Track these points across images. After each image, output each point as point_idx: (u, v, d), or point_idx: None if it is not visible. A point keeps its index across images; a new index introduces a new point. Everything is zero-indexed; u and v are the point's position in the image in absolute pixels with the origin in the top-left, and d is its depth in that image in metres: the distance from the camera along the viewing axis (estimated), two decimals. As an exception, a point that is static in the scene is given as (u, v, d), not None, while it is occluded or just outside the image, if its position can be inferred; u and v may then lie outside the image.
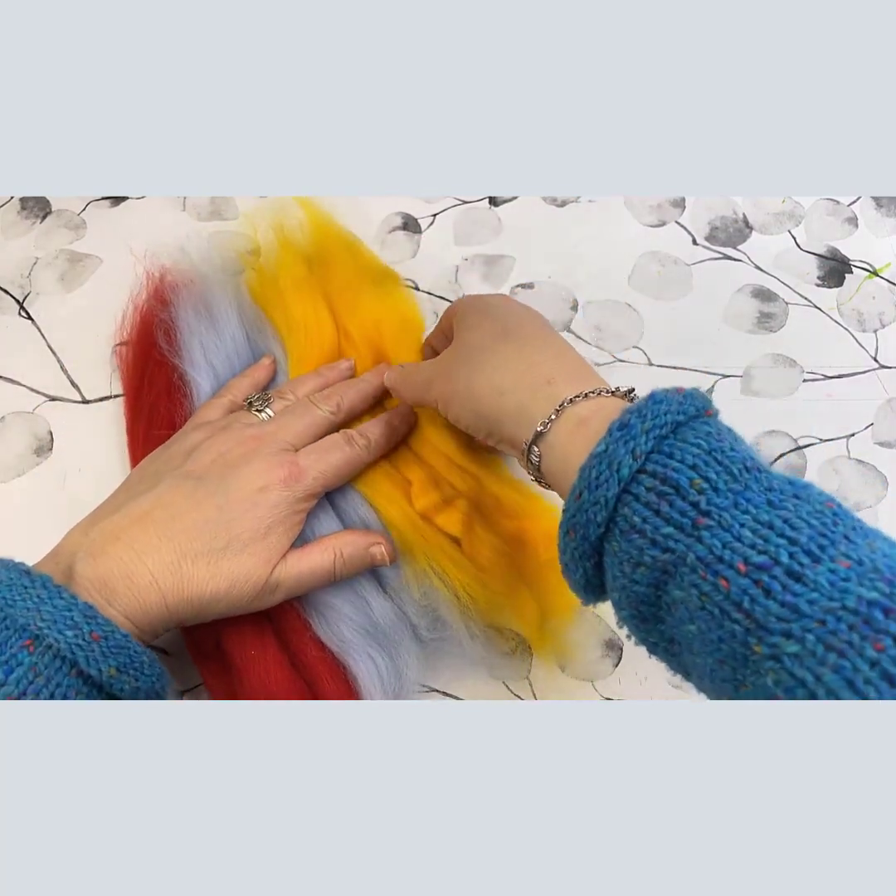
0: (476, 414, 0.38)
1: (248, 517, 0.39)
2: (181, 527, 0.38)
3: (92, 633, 0.33)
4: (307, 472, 0.41)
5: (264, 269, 0.54)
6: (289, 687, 0.40)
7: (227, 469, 0.41)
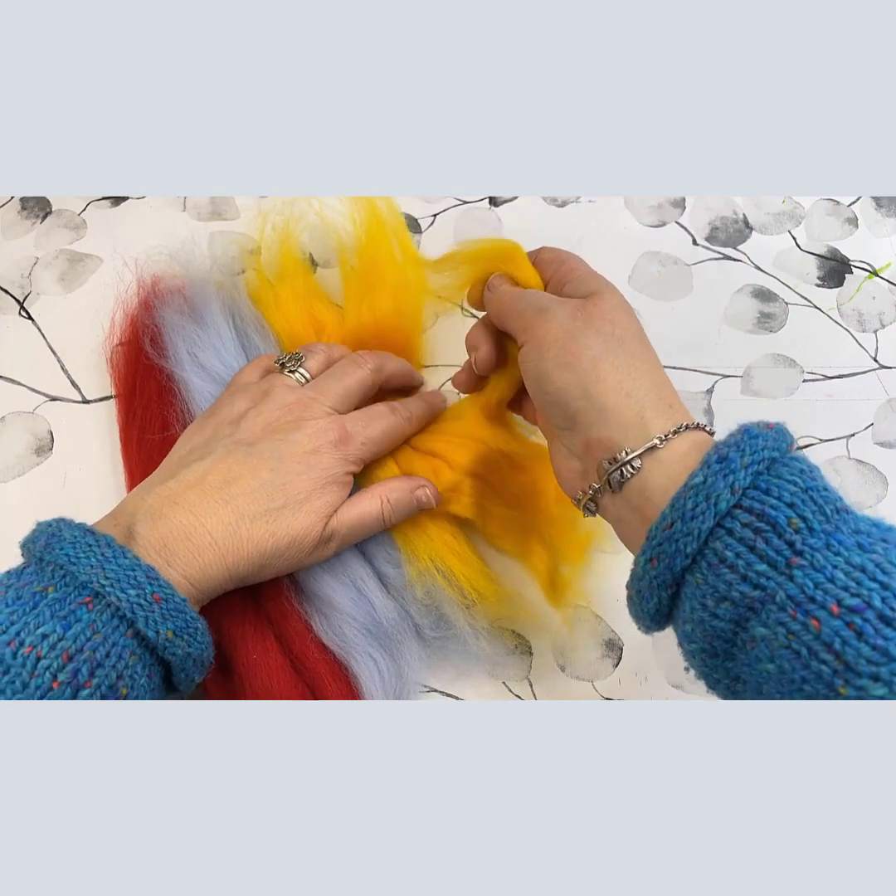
0: (584, 394, 0.36)
1: (301, 479, 0.40)
2: (237, 490, 0.39)
3: (154, 594, 0.34)
4: (355, 437, 0.43)
5: (264, 269, 0.54)
6: (291, 689, 0.40)
7: (277, 434, 0.42)
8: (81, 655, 0.32)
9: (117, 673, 0.33)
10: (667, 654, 0.45)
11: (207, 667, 0.38)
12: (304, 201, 0.55)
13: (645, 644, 0.45)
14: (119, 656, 0.33)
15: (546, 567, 0.45)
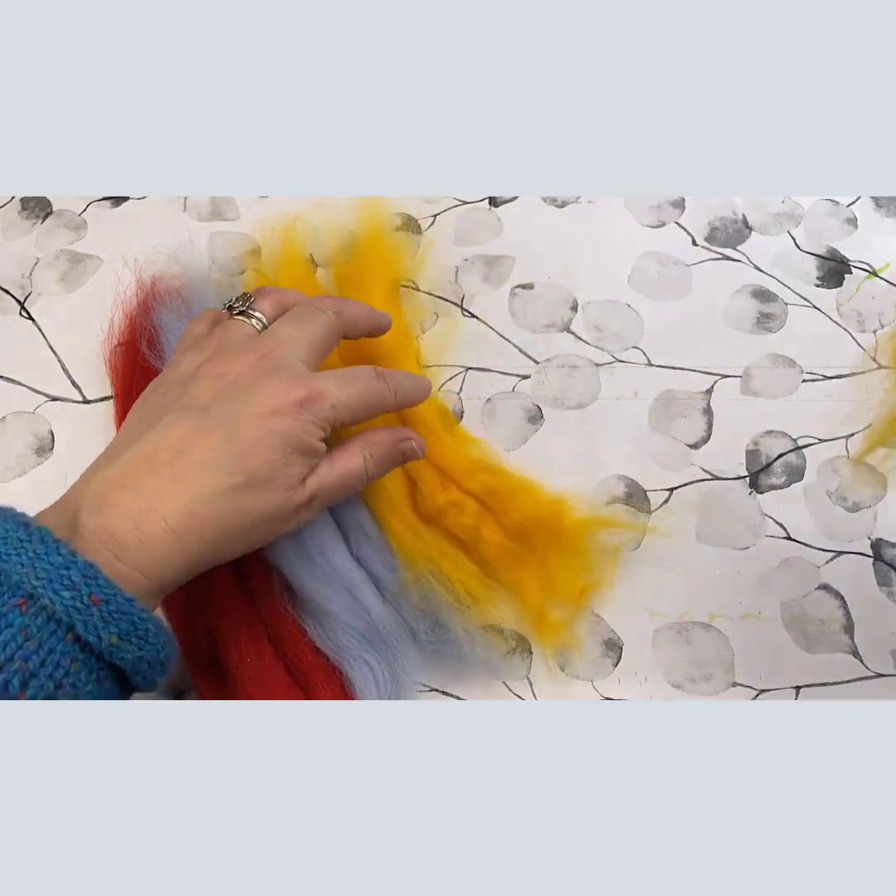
0: None
1: (262, 448, 0.35)
2: (190, 465, 0.34)
3: (91, 595, 0.30)
4: (326, 396, 0.37)
5: (265, 270, 0.54)
6: (285, 692, 0.40)
7: (232, 392, 0.36)
8: (12, 665, 0.29)
9: (55, 682, 0.29)
10: (667, 654, 0.45)
11: (169, 666, 0.34)
12: (305, 201, 0.56)
13: (645, 644, 0.45)
14: (56, 664, 0.30)
15: (536, 604, 0.44)
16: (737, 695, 0.44)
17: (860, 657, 0.44)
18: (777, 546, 0.47)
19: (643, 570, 0.47)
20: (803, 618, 0.45)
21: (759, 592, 0.46)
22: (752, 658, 0.44)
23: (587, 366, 0.53)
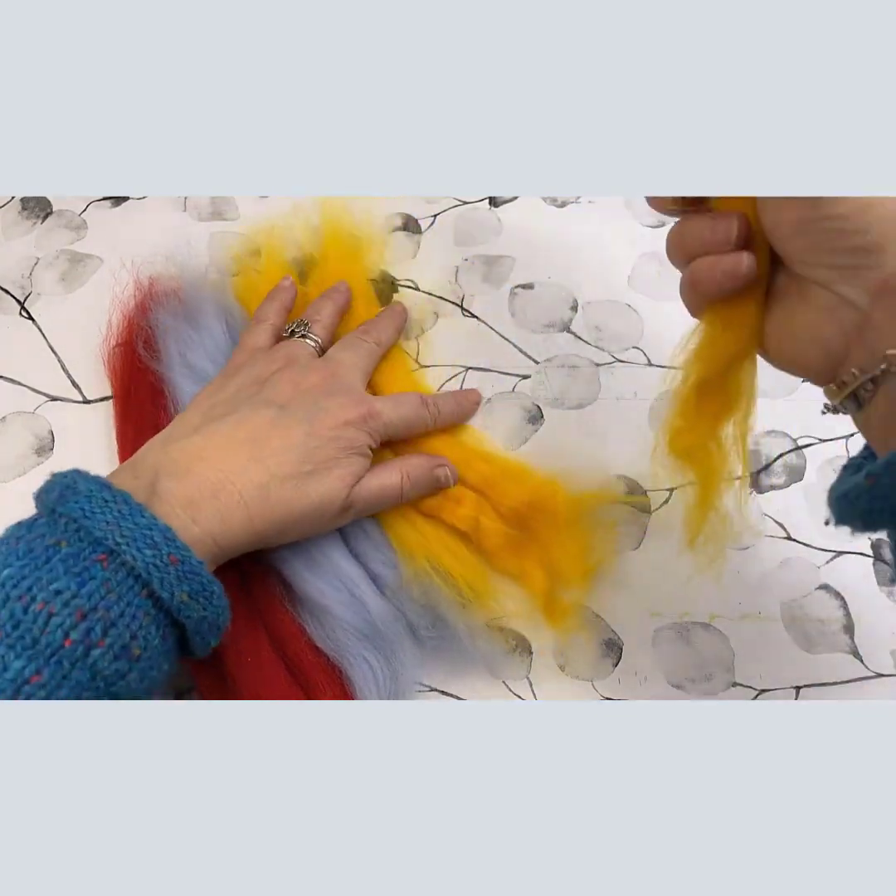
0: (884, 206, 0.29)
1: (331, 446, 0.41)
2: (269, 450, 0.39)
3: (170, 555, 0.33)
4: (381, 415, 0.44)
5: (251, 271, 0.54)
6: (285, 693, 0.40)
7: (309, 399, 0.42)
8: (95, 614, 0.31)
9: (131, 633, 0.32)
10: (667, 654, 0.45)
11: (223, 630, 0.37)
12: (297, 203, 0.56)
13: (645, 644, 0.45)
14: (133, 616, 0.32)
15: (543, 589, 0.44)
16: (737, 695, 0.44)
17: (860, 657, 0.44)
18: (777, 546, 0.47)
19: (643, 570, 0.47)
20: (803, 618, 0.45)
21: (758, 593, 0.46)
22: (752, 658, 0.44)
23: (587, 366, 0.53)
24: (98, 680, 0.31)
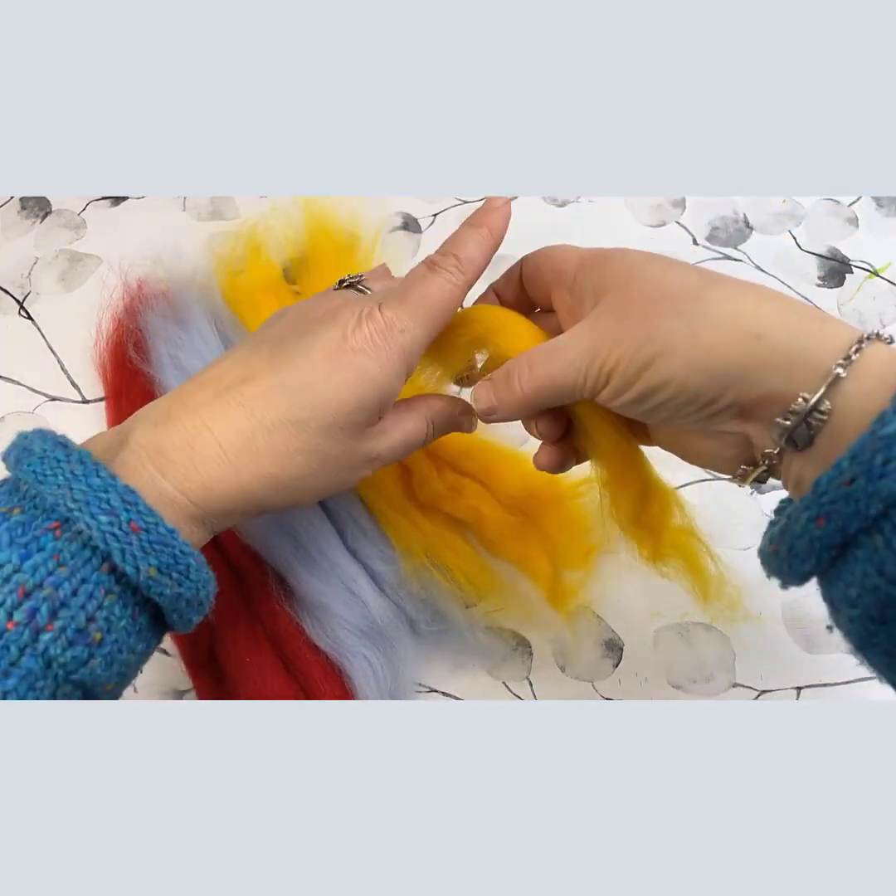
0: (708, 372, 0.29)
1: (332, 382, 0.32)
2: (255, 391, 0.32)
3: (131, 521, 0.28)
4: (392, 325, 0.33)
5: (239, 271, 0.54)
6: (284, 691, 0.40)
7: (310, 326, 0.34)
8: (41, 592, 0.27)
9: (87, 615, 0.27)
10: (667, 655, 0.45)
11: (208, 606, 0.32)
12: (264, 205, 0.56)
13: (645, 644, 0.45)
14: (90, 595, 0.27)
15: (547, 574, 0.45)
16: (738, 695, 0.44)
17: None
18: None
19: (644, 570, 0.47)
20: (804, 618, 0.45)
21: (759, 593, 0.46)
22: (752, 659, 0.44)
23: (587, 366, 0.53)
24: (55, 667, 0.27)
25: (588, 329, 0.32)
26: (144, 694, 0.44)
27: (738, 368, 0.29)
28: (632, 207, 0.60)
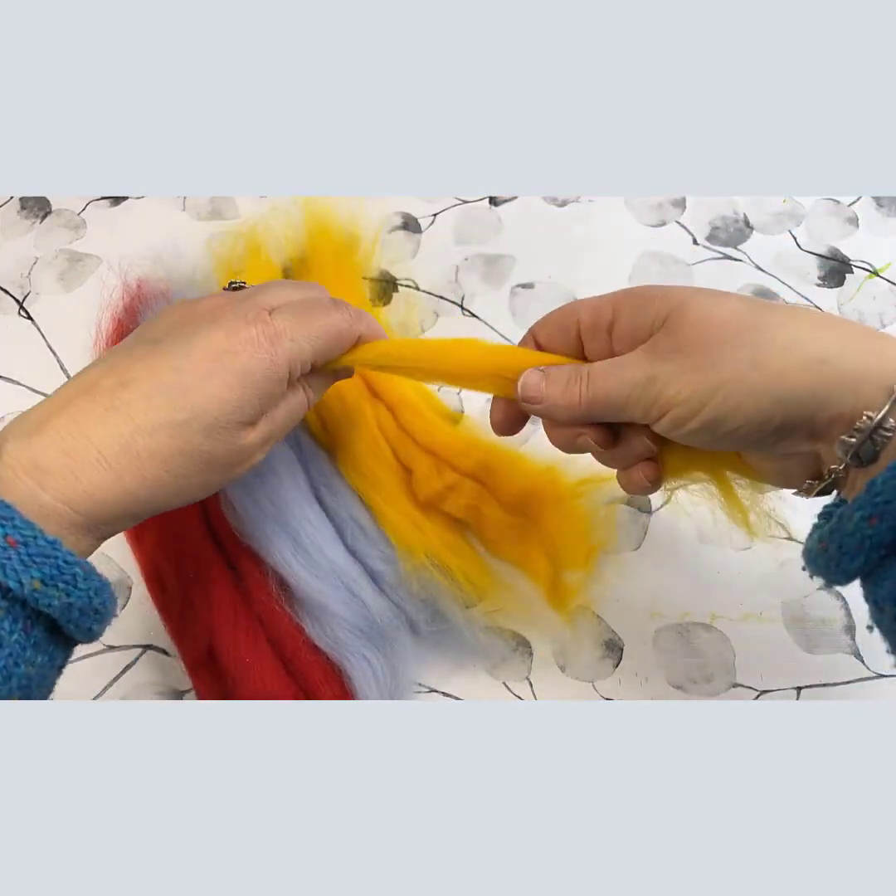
0: (777, 398, 0.29)
1: (213, 383, 0.32)
2: (133, 395, 0.31)
3: (7, 536, 0.27)
4: (282, 333, 0.34)
5: (237, 272, 0.54)
6: (283, 691, 0.40)
7: (187, 327, 0.34)
8: None
9: None
10: (667, 655, 0.45)
11: (106, 614, 0.31)
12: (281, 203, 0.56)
13: (645, 644, 0.45)
14: None
15: (547, 573, 0.45)
16: (738, 695, 0.44)
17: (861, 658, 0.44)
18: (778, 547, 0.47)
19: (644, 570, 0.47)
20: (804, 618, 0.45)
21: (760, 593, 0.46)
22: (753, 659, 0.44)
23: (587, 366, 0.53)
24: None
25: (646, 352, 0.32)
26: (144, 694, 0.44)
27: (807, 393, 0.29)
28: (632, 207, 0.60)
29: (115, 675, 0.45)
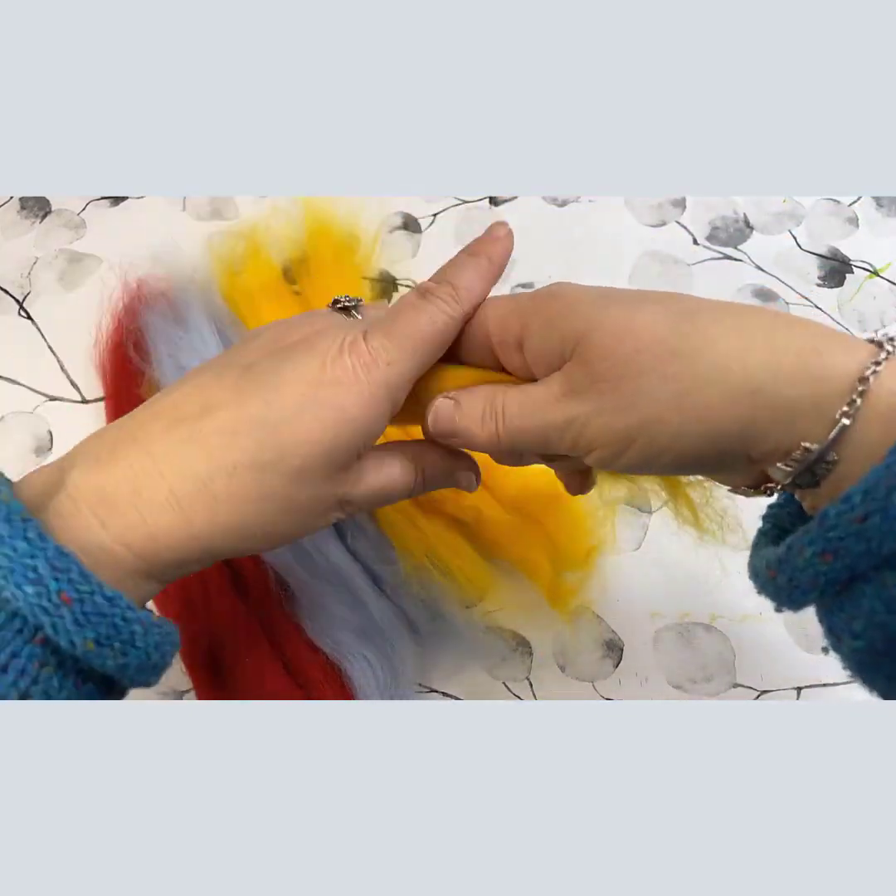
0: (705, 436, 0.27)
1: (303, 420, 0.28)
2: (215, 426, 0.28)
3: (62, 592, 0.24)
4: (378, 355, 0.29)
5: (237, 272, 0.54)
6: (283, 692, 0.40)
7: (283, 351, 0.30)
8: None
9: (19, 692, 0.25)
10: (667, 655, 0.45)
11: (164, 667, 0.29)
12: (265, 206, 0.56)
13: (645, 645, 0.45)
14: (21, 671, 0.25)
15: (547, 573, 0.45)
16: (738, 696, 0.44)
17: (861, 658, 0.44)
18: (778, 546, 0.47)
19: (644, 570, 0.47)
20: (804, 618, 0.45)
21: (759, 593, 0.46)
22: (753, 659, 0.44)
23: (587, 366, 0.53)
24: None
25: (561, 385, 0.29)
26: (144, 694, 0.44)
27: (737, 427, 0.27)
28: (632, 207, 0.60)
29: (115, 675, 0.45)
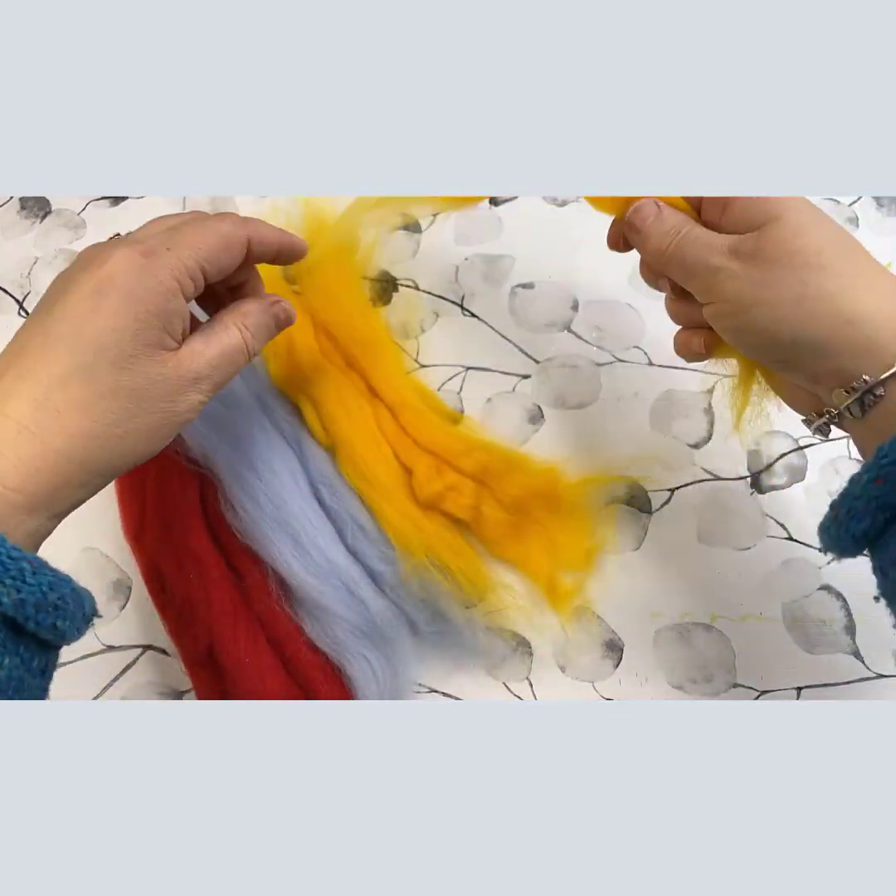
0: (795, 337, 0.32)
1: (100, 315, 0.31)
2: (31, 357, 0.30)
3: None
4: (156, 247, 0.33)
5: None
6: (284, 692, 0.40)
7: (64, 283, 0.32)
8: None
9: None
10: (667, 655, 0.45)
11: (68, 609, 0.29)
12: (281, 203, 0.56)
13: (645, 645, 0.45)
14: None
15: (547, 573, 0.45)
16: (738, 696, 0.44)
17: (861, 658, 0.44)
18: (778, 546, 0.47)
19: (644, 570, 0.47)
20: (804, 618, 0.45)
21: (760, 593, 0.46)
22: (753, 659, 0.44)
23: (587, 366, 0.53)
24: None
25: (733, 244, 0.35)
26: (144, 694, 0.44)
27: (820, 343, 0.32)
28: (632, 207, 0.59)
29: (115, 675, 0.45)
